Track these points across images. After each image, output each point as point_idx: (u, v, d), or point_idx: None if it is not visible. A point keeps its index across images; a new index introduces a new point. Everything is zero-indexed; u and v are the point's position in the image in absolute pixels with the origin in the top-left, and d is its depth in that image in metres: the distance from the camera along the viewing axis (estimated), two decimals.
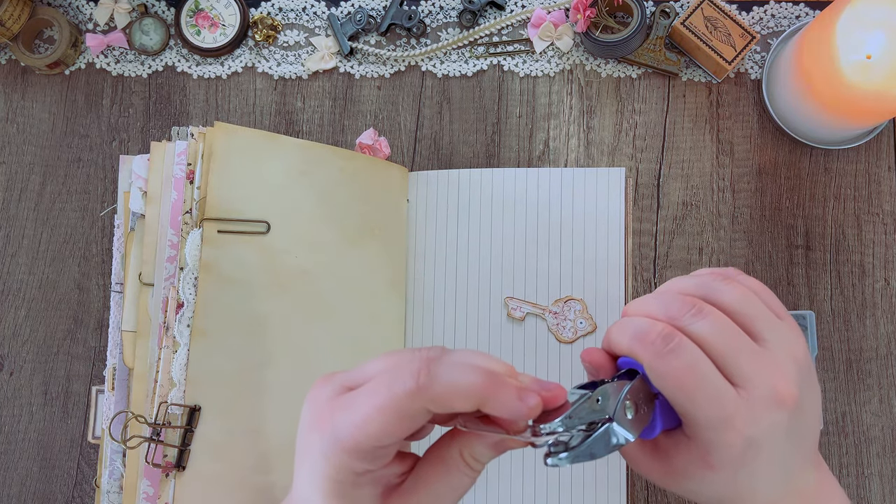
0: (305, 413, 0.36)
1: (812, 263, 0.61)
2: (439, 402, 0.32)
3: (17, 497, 0.60)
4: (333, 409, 0.34)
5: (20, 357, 0.62)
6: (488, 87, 0.64)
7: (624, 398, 0.35)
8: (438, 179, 0.60)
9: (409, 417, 0.32)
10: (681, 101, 0.63)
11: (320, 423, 0.34)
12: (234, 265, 0.53)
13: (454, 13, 0.64)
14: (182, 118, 0.64)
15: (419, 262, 0.60)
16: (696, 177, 0.62)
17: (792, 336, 0.39)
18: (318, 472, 0.34)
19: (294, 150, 0.56)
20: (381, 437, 0.32)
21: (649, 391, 0.37)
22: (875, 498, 0.59)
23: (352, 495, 0.34)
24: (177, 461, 0.51)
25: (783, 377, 0.37)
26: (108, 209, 0.63)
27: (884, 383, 0.60)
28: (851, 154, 0.62)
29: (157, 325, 0.54)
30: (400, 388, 0.32)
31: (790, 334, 0.39)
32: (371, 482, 0.35)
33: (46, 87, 0.64)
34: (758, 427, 0.36)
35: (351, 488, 0.34)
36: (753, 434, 0.36)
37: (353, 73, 0.64)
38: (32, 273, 0.62)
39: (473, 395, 0.32)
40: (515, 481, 0.57)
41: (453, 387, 0.32)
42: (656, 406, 0.37)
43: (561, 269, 0.59)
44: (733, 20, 0.60)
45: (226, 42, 0.63)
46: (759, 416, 0.36)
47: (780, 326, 0.38)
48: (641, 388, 0.37)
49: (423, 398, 0.32)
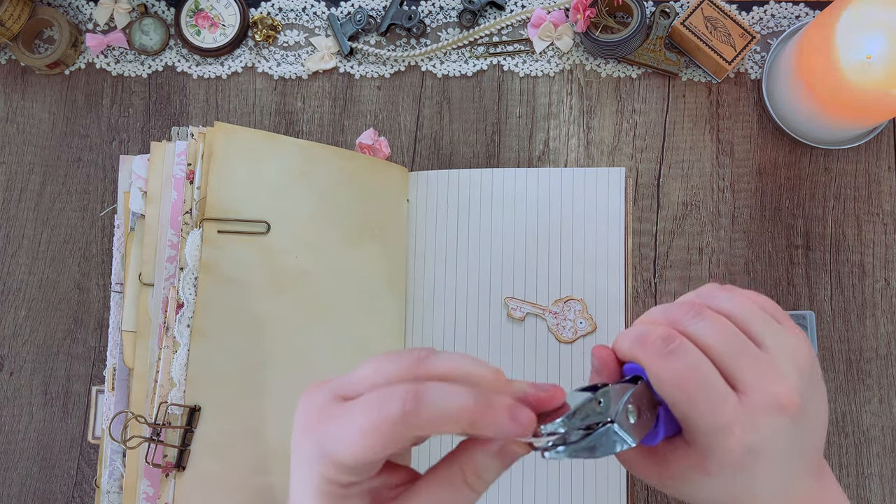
0: (297, 418, 0.36)
1: (812, 263, 0.61)
2: (426, 428, 0.32)
3: (17, 497, 0.60)
4: (322, 419, 0.34)
5: (20, 357, 0.62)
6: (488, 87, 0.64)
7: (626, 402, 0.35)
8: (438, 179, 0.60)
9: (393, 442, 0.32)
10: (681, 101, 0.63)
11: (310, 430, 0.34)
12: (234, 265, 0.53)
13: (454, 13, 0.64)
14: (182, 118, 0.64)
15: (419, 261, 0.60)
16: (696, 177, 0.62)
17: (794, 342, 0.38)
18: (307, 481, 0.34)
19: (294, 150, 0.56)
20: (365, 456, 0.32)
21: (652, 398, 0.37)
22: (875, 498, 0.59)
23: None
24: (177, 461, 0.51)
25: (784, 383, 0.36)
26: (108, 209, 0.63)
27: (884, 383, 0.60)
28: (851, 154, 0.62)
29: (157, 325, 0.54)
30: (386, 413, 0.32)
31: (793, 340, 0.38)
32: (359, 494, 0.34)
33: (46, 87, 0.64)
34: (758, 434, 0.35)
35: (339, 499, 0.34)
36: (752, 441, 0.35)
37: (353, 73, 0.64)
38: (32, 273, 0.62)
39: (462, 421, 0.32)
40: (515, 482, 0.57)
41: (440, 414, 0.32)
42: (660, 413, 0.37)
43: (561, 269, 0.59)
44: (733, 20, 0.60)
45: (226, 42, 0.63)
46: (758, 423, 0.35)
47: (781, 332, 0.38)
48: (645, 394, 0.37)
49: (409, 425, 0.31)
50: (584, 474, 0.57)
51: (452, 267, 0.59)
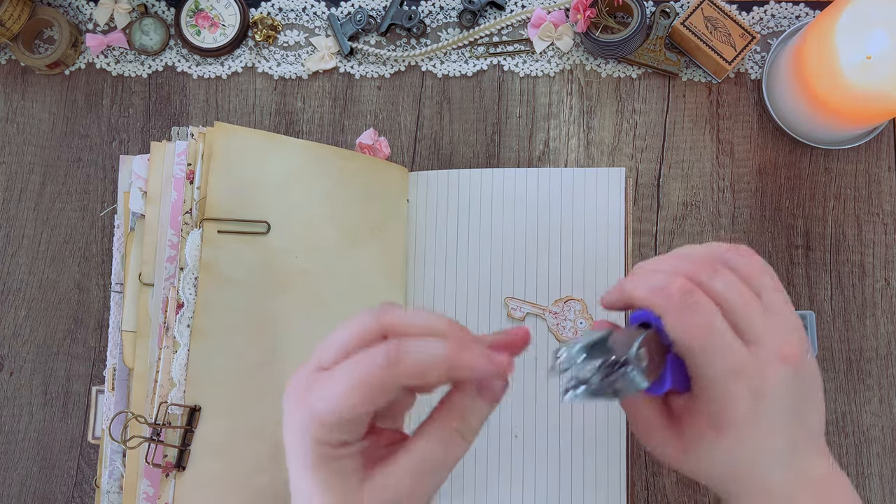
0: (286, 400, 0.38)
1: (812, 263, 0.61)
2: (409, 376, 0.34)
3: (17, 497, 0.60)
4: (309, 388, 0.36)
5: (20, 357, 0.62)
6: (488, 87, 0.64)
7: (640, 345, 0.37)
8: (438, 179, 0.61)
9: (380, 391, 0.34)
10: (681, 101, 0.63)
11: (299, 402, 0.36)
12: (234, 265, 0.53)
13: (454, 13, 0.64)
14: (182, 118, 0.64)
15: (419, 262, 0.60)
16: (696, 177, 0.62)
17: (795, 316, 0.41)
18: (300, 450, 0.36)
19: (294, 151, 0.56)
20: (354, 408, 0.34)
21: (661, 345, 0.39)
22: (875, 498, 0.59)
23: (333, 467, 0.36)
24: (177, 461, 0.51)
25: (789, 339, 0.39)
26: (108, 209, 0.63)
27: (884, 383, 0.60)
28: (851, 154, 0.62)
29: (157, 325, 0.54)
30: (371, 366, 0.34)
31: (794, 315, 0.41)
32: (351, 455, 0.36)
33: (46, 87, 0.64)
34: (764, 380, 0.38)
35: (332, 460, 0.36)
36: (759, 386, 0.38)
37: (353, 73, 0.64)
38: (32, 273, 0.62)
39: (442, 364, 0.34)
40: (516, 482, 0.57)
41: (422, 360, 0.34)
42: (668, 361, 0.39)
43: (561, 269, 0.59)
44: (733, 20, 0.60)
45: (226, 42, 0.63)
46: (766, 370, 0.38)
47: (786, 303, 0.41)
48: (654, 341, 0.39)
49: (394, 374, 0.34)
50: (584, 474, 0.57)
51: (452, 267, 0.59)
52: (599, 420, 0.57)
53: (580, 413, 0.57)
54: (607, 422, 0.57)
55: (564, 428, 0.57)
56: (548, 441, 0.57)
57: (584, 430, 0.57)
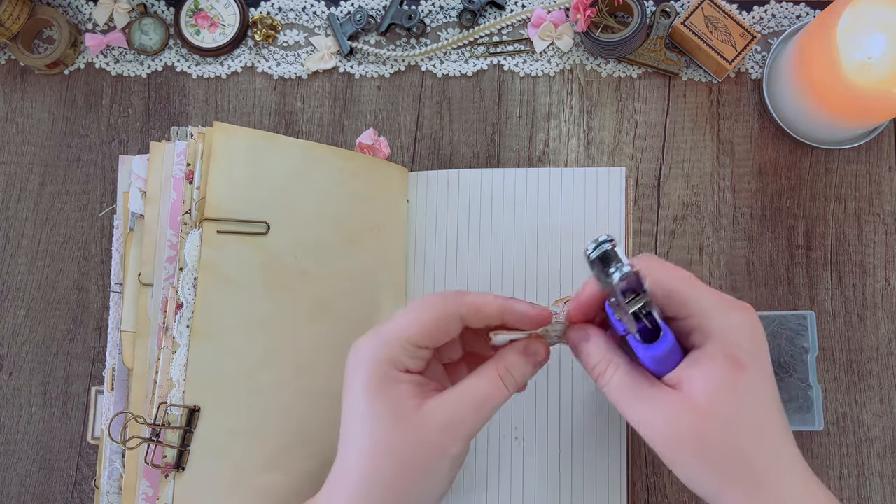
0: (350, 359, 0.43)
1: (813, 263, 0.61)
2: (469, 307, 0.42)
3: (16, 497, 0.60)
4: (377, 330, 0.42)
5: (20, 357, 0.62)
6: (488, 87, 0.64)
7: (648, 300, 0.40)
8: (438, 179, 0.60)
9: (444, 320, 0.42)
10: (681, 101, 0.63)
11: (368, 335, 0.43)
12: (233, 265, 0.53)
13: (454, 13, 0.64)
14: (182, 118, 0.64)
15: (419, 262, 0.60)
16: (696, 177, 0.62)
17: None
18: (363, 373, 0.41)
19: (294, 150, 0.56)
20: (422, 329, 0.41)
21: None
22: (875, 498, 0.59)
23: (393, 390, 0.41)
24: (176, 462, 0.51)
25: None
26: (108, 209, 0.63)
27: (884, 384, 0.60)
28: (852, 154, 0.62)
29: (156, 325, 0.53)
30: (437, 297, 0.42)
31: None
32: (410, 381, 0.42)
33: (46, 87, 0.64)
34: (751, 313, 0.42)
35: (393, 383, 0.41)
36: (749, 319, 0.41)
37: (353, 73, 0.64)
38: (32, 273, 0.62)
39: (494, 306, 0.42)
40: (516, 481, 0.57)
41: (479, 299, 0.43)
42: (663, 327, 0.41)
43: (561, 270, 0.59)
44: (734, 20, 0.60)
45: (225, 42, 0.63)
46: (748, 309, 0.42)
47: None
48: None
49: (456, 303, 0.42)
50: (584, 473, 0.56)
51: (452, 267, 0.59)
52: (599, 421, 0.57)
53: (580, 413, 0.57)
54: (607, 422, 0.57)
55: (564, 428, 0.57)
56: (548, 442, 0.57)
57: (585, 431, 0.57)
